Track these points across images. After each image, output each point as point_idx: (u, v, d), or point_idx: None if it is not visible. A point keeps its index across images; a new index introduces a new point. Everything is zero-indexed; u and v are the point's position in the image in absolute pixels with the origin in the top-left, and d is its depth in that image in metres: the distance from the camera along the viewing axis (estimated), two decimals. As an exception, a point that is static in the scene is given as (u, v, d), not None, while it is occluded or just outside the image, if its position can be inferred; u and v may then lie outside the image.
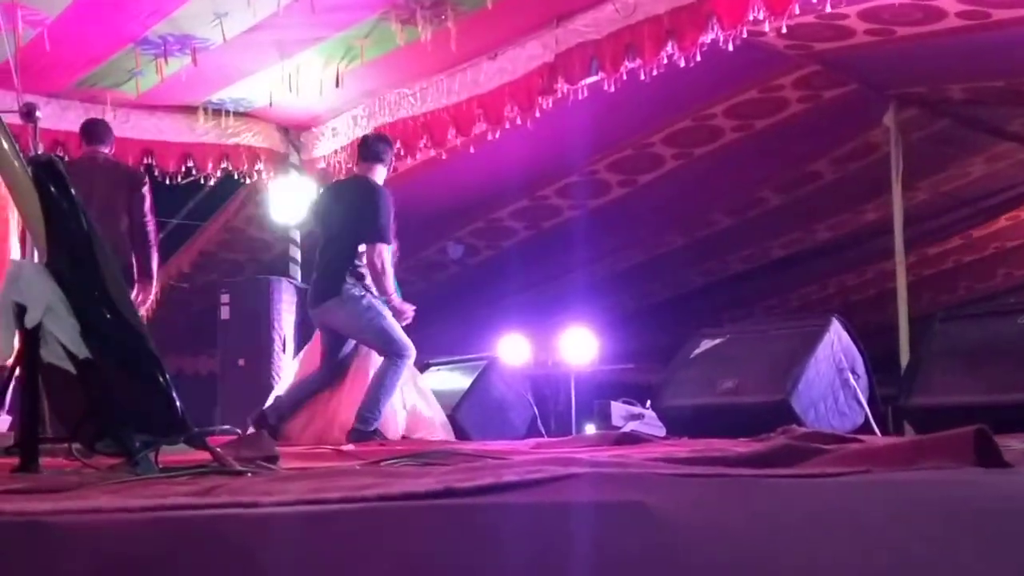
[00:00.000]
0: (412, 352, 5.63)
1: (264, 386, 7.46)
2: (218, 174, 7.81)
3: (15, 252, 5.99)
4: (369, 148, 5.96)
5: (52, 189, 2.14)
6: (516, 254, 9.61)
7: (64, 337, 2.16)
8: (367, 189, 5.77)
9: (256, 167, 7.91)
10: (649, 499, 0.88)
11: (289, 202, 8.19)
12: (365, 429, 5.25)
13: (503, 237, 9.60)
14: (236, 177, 7.95)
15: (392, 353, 5.53)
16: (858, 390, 5.10)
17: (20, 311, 2.15)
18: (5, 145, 2.15)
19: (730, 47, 5.30)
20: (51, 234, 2.17)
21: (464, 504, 0.81)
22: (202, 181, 7.89)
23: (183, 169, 7.60)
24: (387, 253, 5.61)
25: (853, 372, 5.13)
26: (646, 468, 1.16)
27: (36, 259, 2.34)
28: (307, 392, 5.81)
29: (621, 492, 0.90)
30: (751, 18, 5.01)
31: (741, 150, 7.93)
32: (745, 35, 5.30)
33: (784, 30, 5.26)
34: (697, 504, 0.94)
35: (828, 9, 5.02)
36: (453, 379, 6.74)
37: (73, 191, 2.17)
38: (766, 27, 5.16)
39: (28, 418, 2.29)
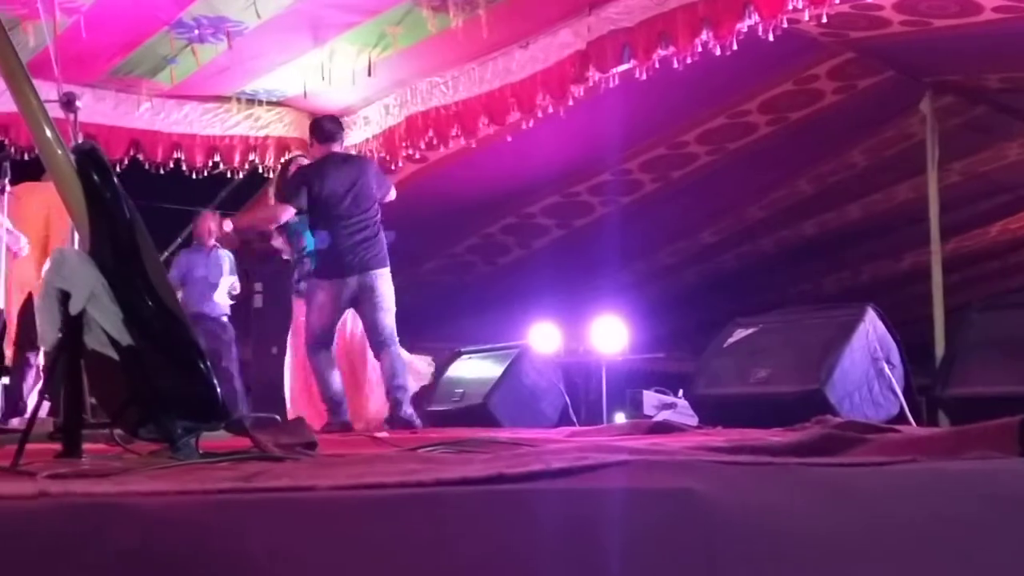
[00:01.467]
0: None
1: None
2: (245, 167, 7.85)
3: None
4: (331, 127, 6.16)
5: (95, 177, 2.16)
6: (547, 253, 9.61)
7: (107, 324, 2.18)
8: (366, 162, 6.17)
9: (285, 158, 7.94)
10: (698, 486, 0.88)
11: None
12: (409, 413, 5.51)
13: (535, 236, 9.60)
14: (261, 171, 7.98)
15: (393, 335, 5.68)
16: (893, 380, 5.05)
17: (64, 298, 2.18)
18: (48, 134, 2.17)
19: (770, 37, 5.25)
20: (94, 222, 2.19)
21: (516, 490, 0.82)
22: (228, 175, 7.94)
23: (210, 163, 7.64)
24: None
25: (888, 361, 5.08)
26: (690, 456, 1.16)
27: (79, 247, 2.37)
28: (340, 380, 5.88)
29: (670, 479, 0.90)
30: (790, 7, 4.97)
31: (775, 144, 7.87)
32: (784, 24, 5.26)
33: (824, 19, 5.22)
34: (745, 491, 0.94)
35: (866, -1, 4.99)
36: (484, 367, 6.76)
37: (115, 179, 2.19)
38: (805, 15, 5.12)
39: (71, 404, 2.32)
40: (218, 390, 2.36)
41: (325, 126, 6.14)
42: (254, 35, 6.36)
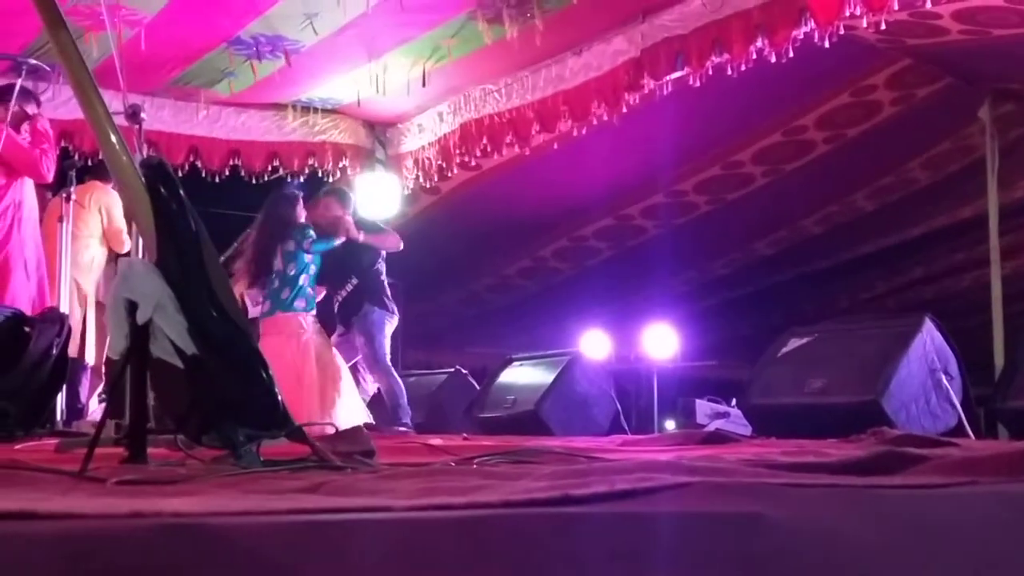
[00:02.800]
0: None
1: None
2: (304, 172, 7.95)
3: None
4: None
5: (162, 190, 2.21)
6: (598, 270, 9.61)
7: (172, 333, 2.23)
8: None
9: (341, 164, 8.04)
10: (765, 510, 0.89)
11: (375, 197, 8.30)
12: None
13: (587, 257, 9.60)
14: (320, 175, 8.08)
15: None
16: (951, 391, 4.98)
17: (132, 308, 2.23)
18: (118, 147, 2.23)
19: (826, 44, 5.21)
20: (161, 233, 2.24)
21: (585, 513, 0.83)
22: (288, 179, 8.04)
23: (269, 168, 7.75)
24: None
25: (946, 373, 5.01)
26: (754, 477, 1.17)
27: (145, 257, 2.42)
28: None
29: (736, 503, 0.91)
30: (847, 13, 4.93)
31: (833, 161, 7.78)
32: (840, 31, 5.22)
33: (883, 26, 5.17)
34: (809, 516, 0.94)
35: (928, 6, 4.92)
36: (536, 374, 6.77)
37: (182, 192, 2.24)
38: (864, 22, 5.07)
39: (137, 411, 2.37)
40: (279, 398, 2.40)
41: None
42: (310, 52, 6.47)
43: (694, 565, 0.81)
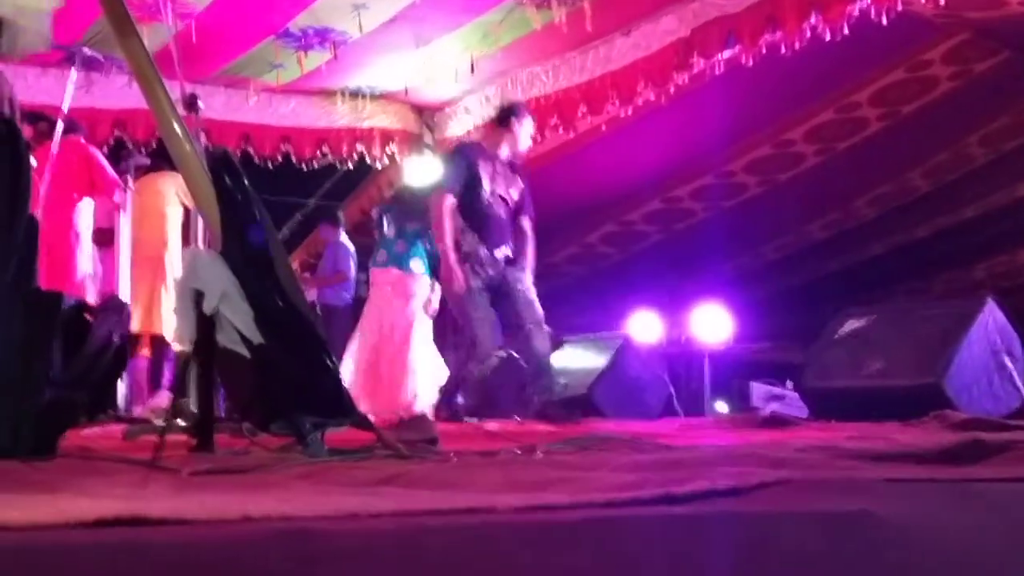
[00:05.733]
0: None
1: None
2: (353, 158, 7.97)
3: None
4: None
5: (227, 180, 2.22)
6: (647, 254, 9.52)
7: (239, 323, 2.25)
8: None
9: (389, 149, 8.05)
10: (871, 507, 0.87)
11: (424, 181, 8.30)
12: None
13: (634, 241, 9.52)
14: (368, 161, 8.10)
15: None
16: (1014, 373, 4.89)
17: (198, 298, 2.24)
18: (183, 140, 2.24)
19: (883, 19, 5.10)
20: (226, 224, 2.25)
21: (692, 514, 0.81)
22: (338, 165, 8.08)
23: (318, 154, 7.78)
24: None
25: (1009, 354, 4.93)
26: (847, 471, 1.14)
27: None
28: None
29: (841, 500, 0.89)
30: (905, -13, 4.83)
31: (887, 139, 7.62)
32: (898, 6, 5.11)
33: (943, 1, 5.05)
34: (914, 512, 0.92)
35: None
36: (588, 357, 6.74)
37: (246, 182, 2.24)
38: (922, -2, 4.96)
39: (204, 400, 2.39)
40: (345, 386, 2.41)
41: None
42: (358, 43, 6.48)
43: (805, 564, 0.79)
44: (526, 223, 5.75)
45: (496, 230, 5.55)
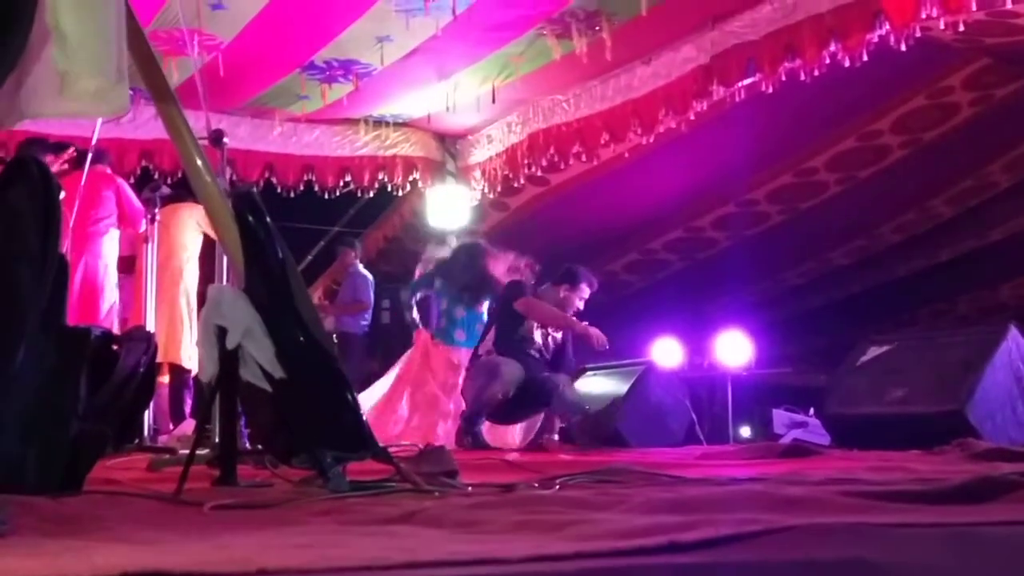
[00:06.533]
0: None
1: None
2: (375, 186, 8.04)
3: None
4: None
5: (250, 219, 2.27)
6: (669, 284, 9.53)
7: (261, 358, 2.28)
8: None
9: (412, 177, 8.11)
10: (870, 555, 0.89)
11: (446, 209, 8.37)
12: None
13: (657, 270, 9.54)
14: (390, 189, 8.17)
15: None
16: (1039, 400, 4.86)
17: (221, 333, 2.28)
18: (208, 179, 2.29)
19: (902, 46, 5.12)
20: (249, 261, 2.29)
21: (691, 563, 0.84)
22: (359, 194, 8.15)
23: (341, 183, 7.85)
24: None
25: (1033, 381, 4.89)
26: (855, 514, 1.16)
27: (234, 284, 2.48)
28: None
29: (838, 547, 0.91)
30: (923, 15, 4.84)
31: (909, 166, 7.61)
32: (916, 33, 5.13)
33: (961, 28, 5.06)
34: (911, 560, 0.94)
35: (1008, 5, 4.81)
36: (610, 384, 6.73)
37: (269, 220, 2.29)
38: (940, 24, 4.98)
39: (227, 433, 2.43)
40: (365, 420, 2.45)
41: None
42: (381, 75, 6.57)
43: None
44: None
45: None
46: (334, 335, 8.24)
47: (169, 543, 1.05)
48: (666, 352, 8.58)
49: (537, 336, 6.31)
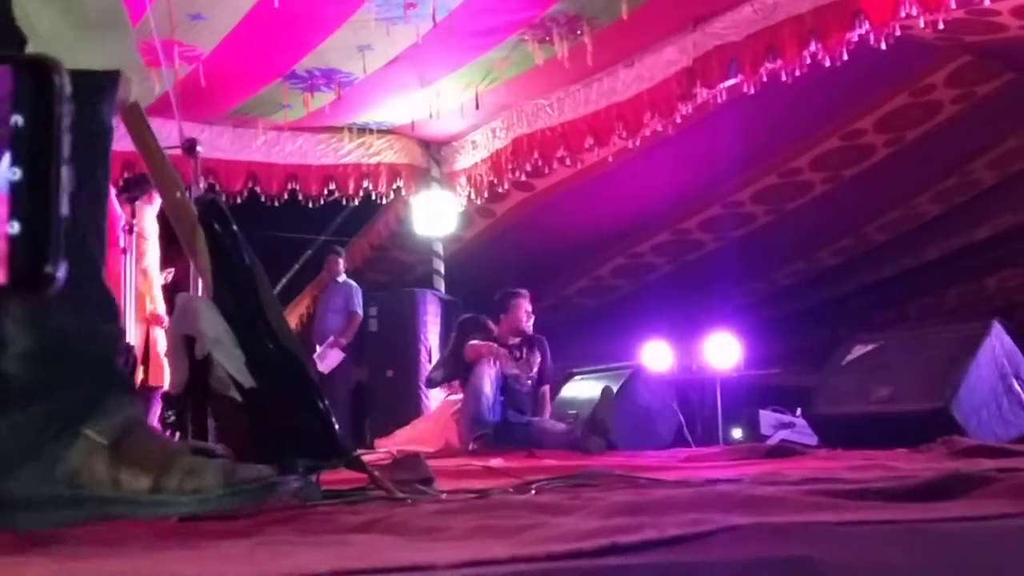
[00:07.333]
0: None
1: (412, 396, 7.64)
2: (359, 194, 8.02)
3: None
4: None
5: (216, 226, 2.24)
6: (658, 285, 9.54)
7: (231, 367, 2.26)
8: None
9: (396, 184, 8.10)
10: (815, 553, 0.87)
11: (432, 216, 8.36)
12: None
13: (644, 273, 9.54)
14: (374, 197, 8.15)
15: None
16: (1023, 396, 4.86)
17: (190, 343, 2.26)
18: (173, 185, 2.27)
19: (882, 45, 5.13)
20: (216, 270, 2.27)
21: (631, 564, 0.82)
22: (344, 202, 8.13)
23: (325, 192, 7.83)
24: None
25: (1017, 377, 4.89)
26: (811, 511, 1.14)
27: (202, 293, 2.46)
28: None
29: (787, 546, 0.89)
30: (903, 14, 4.85)
31: (894, 165, 7.63)
32: (896, 31, 5.14)
33: (941, 26, 5.07)
34: (862, 559, 0.92)
35: (986, 3, 4.82)
36: (598, 388, 6.72)
37: (235, 227, 2.27)
38: (920, 23, 4.99)
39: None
40: (336, 428, 2.42)
41: None
42: (364, 83, 6.56)
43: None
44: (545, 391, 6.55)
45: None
46: (317, 345, 8.21)
47: (123, 556, 1.02)
48: (655, 355, 8.56)
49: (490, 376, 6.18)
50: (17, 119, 0.45)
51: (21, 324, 1.27)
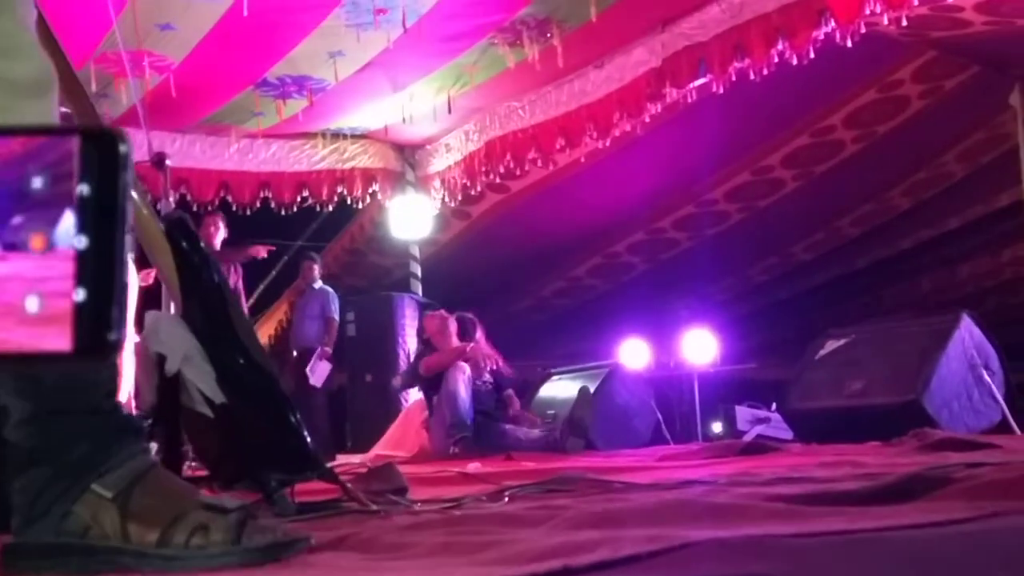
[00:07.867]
0: None
1: (392, 400, 7.64)
2: (334, 200, 8.00)
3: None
4: None
5: (184, 244, 2.25)
6: (634, 286, 9.58)
7: (201, 383, 2.27)
8: None
9: (371, 190, 8.09)
10: (771, 570, 0.89)
11: (408, 219, 8.36)
12: None
13: (621, 273, 9.58)
14: (349, 202, 8.14)
15: None
16: (993, 386, 4.92)
17: (160, 360, 2.27)
18: (141, 205, 2.27)
19: (848, 43, 5.18)
20: (184, 287, 2.27)
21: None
22: (318, 208, 8.11)
23: (298, 199, 7.80)
24: None
25: (987, 368, 4.96)
26: (769, 526, 1.16)
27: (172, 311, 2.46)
28: None
29: (742, 563, 0.91)
30: (867, 12, 4.90)
31: (864, 160, 7.69)
32: (862, 29, 5.18)
33: (904, 23, 5.13)
34: (820, 570, 0.94)
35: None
36: (575, 388, 6.75)
37: (203, 244, 2.27)
38: (884, 20, 5.04)
39: (170, 461, 2.41)
40: (309, 441, 2.43)
41: None
42: (336, 89, 6.56)
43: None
44: None
45: None
46: (295, 351, 8.20)
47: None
48: (633, 353, 8.60)
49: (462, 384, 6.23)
50: (83, 188, 0.46)
51: (18, 391, 1.29)
